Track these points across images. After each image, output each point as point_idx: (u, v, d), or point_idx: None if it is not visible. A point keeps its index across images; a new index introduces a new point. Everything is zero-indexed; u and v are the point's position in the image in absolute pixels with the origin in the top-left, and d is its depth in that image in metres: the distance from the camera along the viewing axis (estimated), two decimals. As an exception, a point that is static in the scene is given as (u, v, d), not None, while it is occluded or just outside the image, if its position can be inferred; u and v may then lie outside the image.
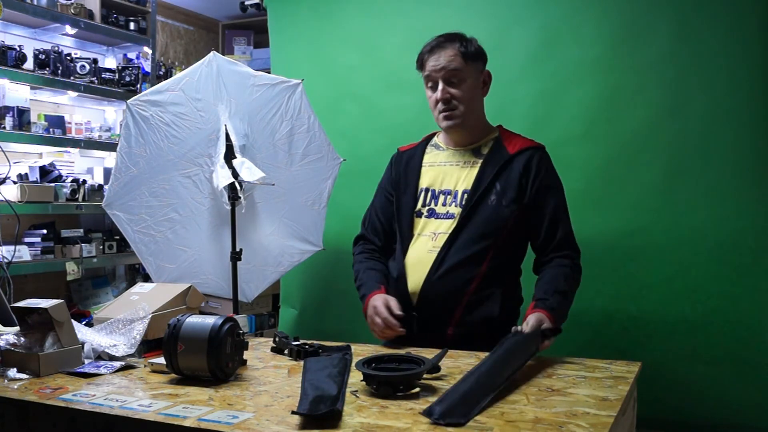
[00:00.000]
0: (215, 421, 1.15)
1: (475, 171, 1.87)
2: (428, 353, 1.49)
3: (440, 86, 1.86)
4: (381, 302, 1.79)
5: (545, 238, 1.84)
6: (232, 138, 2.24)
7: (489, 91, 1.96)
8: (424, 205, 1.92)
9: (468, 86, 1.87)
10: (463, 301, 1.80)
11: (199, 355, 1.40)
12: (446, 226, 1.85)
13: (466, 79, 1.86)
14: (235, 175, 2.20)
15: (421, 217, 1.91)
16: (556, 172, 1.91)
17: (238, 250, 2.26)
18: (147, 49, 3.73)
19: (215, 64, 2.26)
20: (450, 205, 1.87)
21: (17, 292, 2.82)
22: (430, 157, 1.98)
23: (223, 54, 2.66)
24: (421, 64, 1.91)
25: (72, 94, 3.45)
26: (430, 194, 1.92)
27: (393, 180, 2.01)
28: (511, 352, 1.42)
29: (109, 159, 3.69)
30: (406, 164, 1.99)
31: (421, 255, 1.86)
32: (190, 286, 1.84)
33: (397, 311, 1.77)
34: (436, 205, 1.90)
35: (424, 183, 1.94)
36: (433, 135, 2.04)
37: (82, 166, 3.65)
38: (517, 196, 1.82)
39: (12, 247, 2.89)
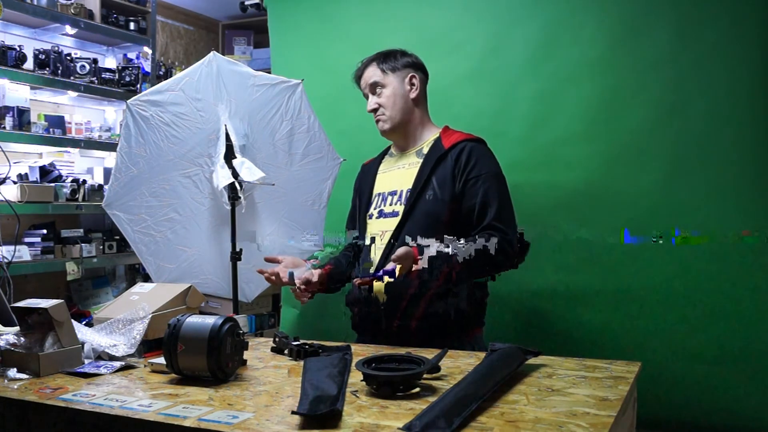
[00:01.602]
0: (215, 421, 1.15)
1: (415, 170, 2.00)
2: (429, 354, 1.49)
3: (370, 98, 2.08)
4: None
5: (475, 225, 1.91)
6: (232, 138, 2.24)
7: (488, 91, 1.98)
8: (375, 208, 2.07)
9: (388, 92, 2.04)
10: (407, 293, 1.89)
11: (199, 355, 1.40)
12: (392, 224, 1.97)
13: (386, 86, 2.04)
14: (235, 175, 2.19)
15: (372, 218, 2.06)
16: (491, 162, 1.97)
17: (238, 250, 2.26)
18: (147, 49, 3.73)
19: (215, 64, 2.26)
20: (395, 204, 2.01)
21: (17, 292, 2.81)
22: (384, 165, 2.15)
23: (223, 54, 2.66)
24: (358, 86, 2.14)
25: (72, 94, 3.45)
26: (381, 198, 2.07)
27: (356, 191, 2.20)
28: (493, 366, 1.38)
29: (109, 159, 3.69)
30: (366, 175, 2.17)
31: (374, 254, 1.99)
32: (190, 286, 1.84)
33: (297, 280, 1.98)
34: (384, 205, 2.04)
35: (377, 189, 2.10)
36: (390, 146, 2.20)
37: (82, 166, 3.66)
38: (451, 189, 1.92)
39: (12, 247, 2.89)
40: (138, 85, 3.52)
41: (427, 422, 1.09)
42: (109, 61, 3.79)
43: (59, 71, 3.23)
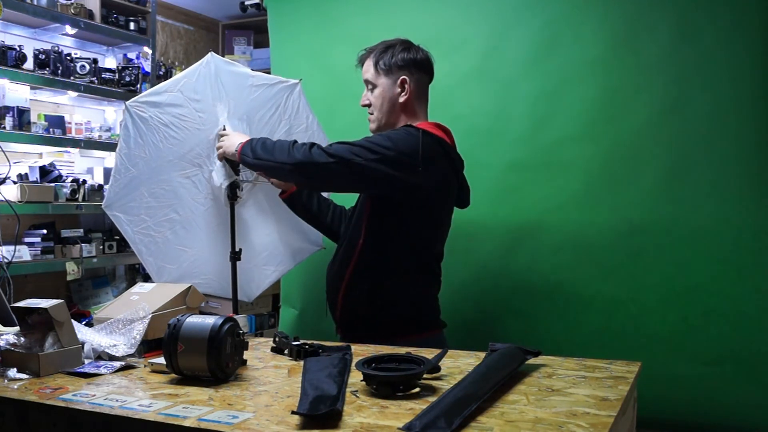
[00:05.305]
0: (215, 421, 1.15)
1: None
2: (429, 354, 1.49)
3: (364, 92, 2.09)
4: None
5: None
6: (232, 138, 2.23)
7: (488, 91, 1.97)
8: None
9: (377, 92, 2.04)
10: (341, 289, 2.02)
11: (199, 355, 1.40)
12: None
13: (377, 87, 2.05)
14: (236, 174, 2.20)
15: None
16: (400, 135, 1.91)
17: (237, 250, 2.26)
18: (147, 49, 3.72)
19: (213, 64, 2.26)
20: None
21: (17, 292, 2.82)
22: None
23: (223, 54, 2.66)
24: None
25: (72, 94, 3.44)
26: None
27: None
28: (493, 366, 1.38)
29: (109, 159, 3.69)
30: None
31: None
32: (190, 286, 1.84)
33: None
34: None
35: None
36: None
37: (82, 166, 3.65)
38: None
39: (12, 247, 2.89)
40: (138, 85, 3.52)
41: (427, 422, 1.09)
42: (109, 61, 3.79)
43: (59, 71, 3.22)
